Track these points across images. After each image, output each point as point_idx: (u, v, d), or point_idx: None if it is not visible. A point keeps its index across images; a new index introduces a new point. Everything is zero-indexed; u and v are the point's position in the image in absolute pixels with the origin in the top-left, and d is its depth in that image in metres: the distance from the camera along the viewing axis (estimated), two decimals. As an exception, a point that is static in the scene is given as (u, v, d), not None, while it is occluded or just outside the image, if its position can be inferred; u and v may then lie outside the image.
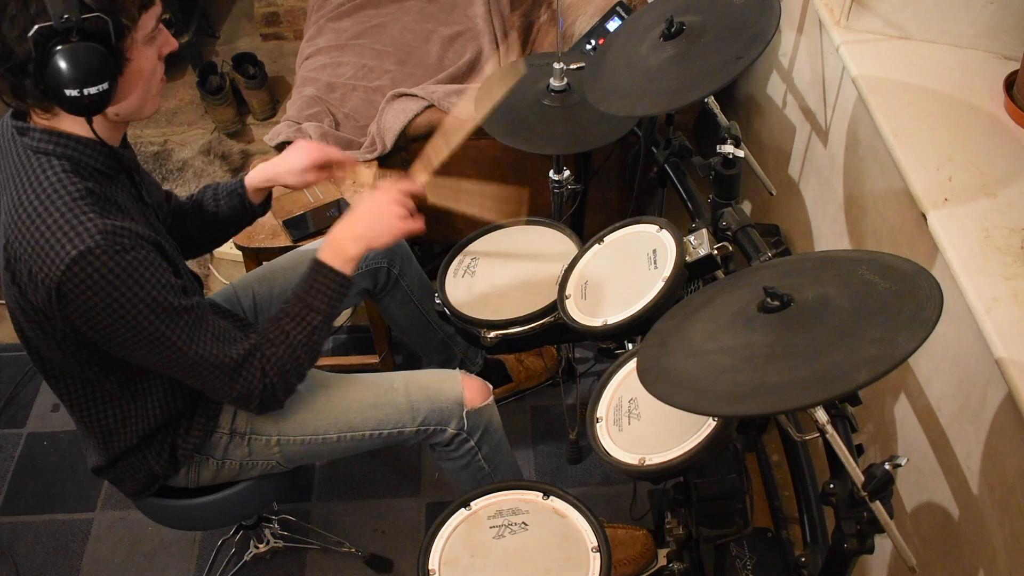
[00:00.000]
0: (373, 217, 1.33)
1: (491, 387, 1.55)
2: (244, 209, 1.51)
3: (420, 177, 1.44)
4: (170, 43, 1.16)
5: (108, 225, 1.07)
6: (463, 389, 1.49)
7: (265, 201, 1.55)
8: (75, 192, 1.08)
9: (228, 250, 2.15)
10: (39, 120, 1.12)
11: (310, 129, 2.13)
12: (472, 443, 1.52)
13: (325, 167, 1.48)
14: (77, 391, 1.27)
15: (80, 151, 1.12)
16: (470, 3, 2.55)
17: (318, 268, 1.30)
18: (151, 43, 1.11)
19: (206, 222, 1.51)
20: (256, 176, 1.49)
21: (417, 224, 1.36)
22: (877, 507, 0.92)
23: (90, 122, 1.09)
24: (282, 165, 1.47)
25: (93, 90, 1.03)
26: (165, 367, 1.19)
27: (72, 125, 1.11)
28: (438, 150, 1.47)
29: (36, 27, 0.99)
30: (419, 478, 2.06)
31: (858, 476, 0.92)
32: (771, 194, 1.65)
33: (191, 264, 1.61)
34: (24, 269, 1.08)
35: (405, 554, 1.92)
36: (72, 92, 1.02)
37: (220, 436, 1.40)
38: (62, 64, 1.01)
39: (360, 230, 1.32)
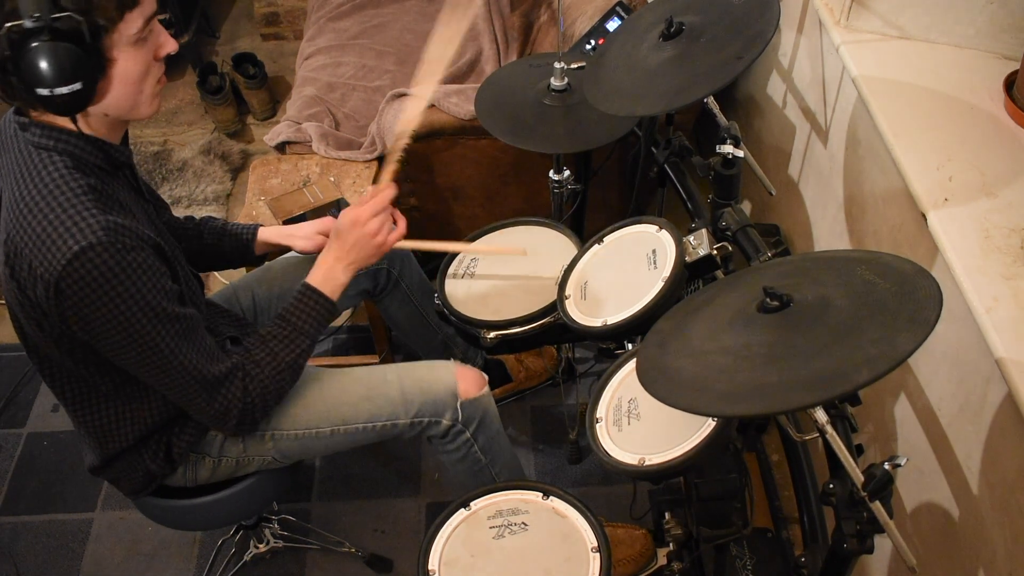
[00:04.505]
0: (356, 246, 1.39)
1: (486, 377, 1.54)
2: (244, 253, 1.59)
3: (383, 183, 1.46)
4: (168, 44, 1.15)
5: (111, 222, 1.07)
6: (457, 380, 1.48)
7: (262, 256, 1.63)
8: (77, 188, 1.08)
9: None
10: (37, 116, 1.12)
11: (310, 129, 2.13)
12: (468, 434, 1.51)
13: None
14: (73, 390, 1.27)
15: (80, 147, 1.12)
16: (470, 3, 2.55)
17: (308, 292, 1.37)
18: (141, 44, 1.10)
19: (201, 251, 1.56)
20: (270, 232, 1.59)
21: (399, 231, 1.44)
22: (877, 507, 0.92)
23: (74, 120, 1.09)
24: (295, 229, 1.58)
25: (64, 90, 1.03)
26: (149, 374, 1.19)
27: (68, 121, 1.11)
28: (398, 151, 1.52)
29: (7, 26, 0.99)
30: (419, 478, 2.06)
31: (858, 476, 0.92)
32: (771, 194, 1.65)
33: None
34: (24, 264, 1.08)
35: (405, 554, 1.92)
36: (43, 91, 1.02)
37: (215, 433, 1.40)
38: (32, 63, 1.01)
39: (349, 258, 1.39)
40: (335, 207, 1.91)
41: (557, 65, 1.59)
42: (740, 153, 1.42)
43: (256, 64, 2.95)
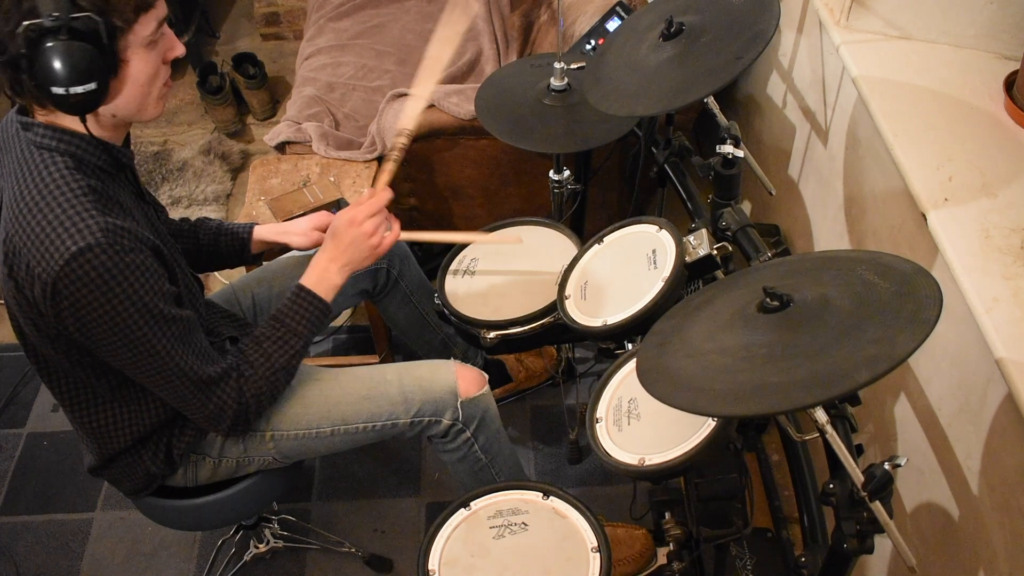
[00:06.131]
0: (352, 246, 1.38)
1: (486, 376, 1.54)
2: (241, 253, 1.57)
3: (382, 184, 1.46)
4: (176, 48, 1.16)
5: (110, 223, 1.07)
6: (457, 379, 1.48)
7: (259, 255, 1.62)
8: (77, 189, 1.08)
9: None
10: (41, 115, 1.12)
11: (310, 129, 2.13)
12: (468, 433, 1.51)
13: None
14: (71, 391, 1.27)
15: (82, 148, 1.13)
16: (469, 3, 2.55)
17: (302, 294, 1.36)
18: (152, 47, 1.11)
19: (198, 252, 1.55)
20: (265, 231, 1.57)
21: (393, 234, 1.42)
22: (877, 507, 0.92)
23: (83, 120, 1.09)
24: (291, 226, 1.57)
25: (79, 89, 1.03)
26: (144, 375, 1.19)
27: (73, 122, 1.12)
28: (397, 154, 1.50)
29: (26, 24, 1.00)
30: (419, 478, 2.06)
31: (858, 476, 0.92)
32: (771, 194, 1.65)
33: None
34: (23, 264, 1.08)
35: (405, 554, 1.92)
36: (58, 90, 1.03)
37: (215, 434, 1.40)
38: (49, 62, 1.01)
39: (344, 258, 1.38)
40: (335, 207, 1.91)
41: (557, 65, 1.59)
42: (740, 153, 1.42)
43: (256, 64, 2.95)
